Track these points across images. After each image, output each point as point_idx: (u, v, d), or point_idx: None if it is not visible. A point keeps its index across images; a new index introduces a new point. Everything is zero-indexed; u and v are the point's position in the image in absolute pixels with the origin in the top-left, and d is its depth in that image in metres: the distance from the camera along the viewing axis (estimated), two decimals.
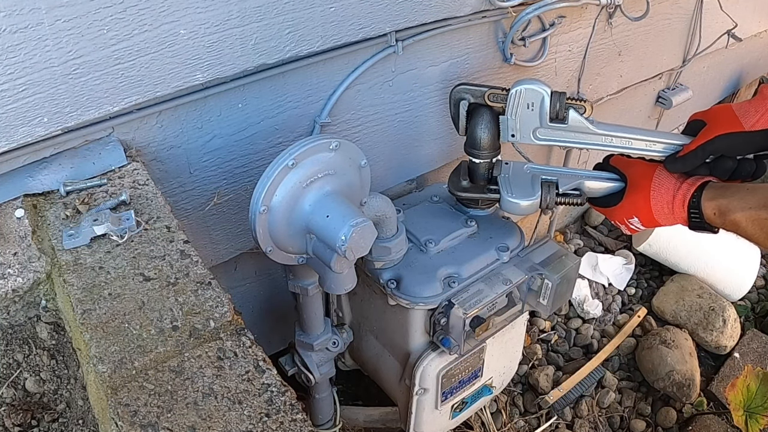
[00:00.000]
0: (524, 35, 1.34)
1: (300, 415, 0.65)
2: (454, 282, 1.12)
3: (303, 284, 1.09)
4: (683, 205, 1.00)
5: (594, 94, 1.69)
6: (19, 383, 0.80)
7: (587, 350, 1.97)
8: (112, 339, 0.69)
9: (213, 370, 0.68)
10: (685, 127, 1.08)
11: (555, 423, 1.77)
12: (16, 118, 0.79)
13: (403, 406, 1.29)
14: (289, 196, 0.89)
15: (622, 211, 1.09)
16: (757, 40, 2.22)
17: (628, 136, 1.06)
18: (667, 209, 1.02)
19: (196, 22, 0.88)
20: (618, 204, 1.09)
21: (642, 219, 1.07)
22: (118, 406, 0.63)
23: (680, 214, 1.01)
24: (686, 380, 1.81)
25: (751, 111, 0.98)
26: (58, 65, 0.79)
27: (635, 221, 1.08)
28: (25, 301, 0.79)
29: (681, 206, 1.01)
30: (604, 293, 2.11)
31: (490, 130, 1.10)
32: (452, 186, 1.19)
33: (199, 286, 0.76)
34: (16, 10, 0.72)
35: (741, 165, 1.00)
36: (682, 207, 1.01)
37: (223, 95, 0.99)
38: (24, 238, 0.81)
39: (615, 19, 1.53)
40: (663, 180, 1.03)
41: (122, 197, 0.85)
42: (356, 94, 1.16)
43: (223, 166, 1.06)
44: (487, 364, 1.30)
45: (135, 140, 0.94)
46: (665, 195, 1.03)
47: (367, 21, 1.06)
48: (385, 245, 1.09)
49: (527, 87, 1.04)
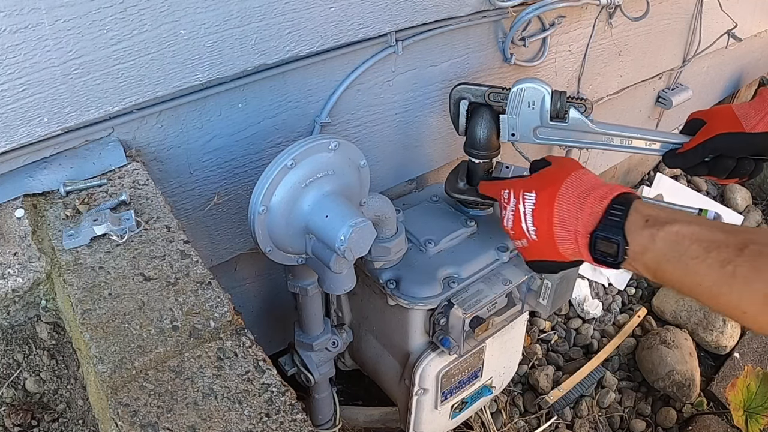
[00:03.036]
0: (524, 35, 1.34)
1: (300, 415, 0.65)
2: (453, 282, 1.12)
3: (302, 284, 1.09)
4: (600, 200, 0.81)
5: (594, 94, 1.69)
6: (19, 383, 0.80)
7: (587, 350, 1.97)
8: (112, 339, 0.69)
9: (213, 370, 0.68)
10: (684, 126, 1.08)
11: (555, 423, 1.77)
12: (16, 118, 0.79)
13: (403, 406, 1.29)
14: (288, 196, 0.89)
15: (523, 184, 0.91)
16: (757, 40, 2.21)
17: (628, 135, 1.06)
18: (576, 200, 0.83)
19: (196, 22, 0.88)
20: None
21: (537, 200, 0.87)
22: (118, 406, 0.63)
23: (593, 208, 0.81)
24: (686, 380, 1.81)
25: (751, 113, 0.98)
26: (58, 65, 0.79)
27: (530, 201, 0.88)
28: (25, 301, 0.79)
29: (595, 202, 0.81)
30: (604, 293, 2.11)
31: (490, 129, 1.10)
32: (449, 186, 1.19)
33: (199, 286, 0.76)
34: (16, 10, 0.72)
35: (740, 164, 1.00)
36: (597, 202, 0.81)
37: (223, 95, 0.99)
38: (24, 238, 0.81)
39: (615, 19, 1.53)
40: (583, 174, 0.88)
41: (122, 197, 0.85)
42: (356, 94, 1.16)
43: (223, 166, 1.06)
44: (486, 364, 1.30)
45: (135, 140, 0.94)
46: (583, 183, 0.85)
47: (367, 21, 1.06)
48: (384, 245, 1.09)
49: (528, 86, 1.04)
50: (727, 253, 0.69)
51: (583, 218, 0.82)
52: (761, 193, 2.49)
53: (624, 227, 0.78)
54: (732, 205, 2.41)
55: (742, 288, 0.67)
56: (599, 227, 0.80)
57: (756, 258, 0.67)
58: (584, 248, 0.82)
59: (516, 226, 0.90)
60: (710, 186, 2.48)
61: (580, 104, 1.05)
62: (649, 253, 0.76)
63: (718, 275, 0.69)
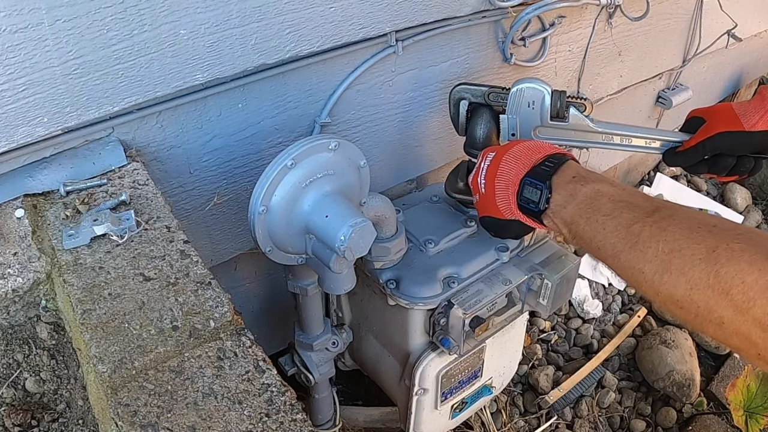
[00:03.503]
0: (524, 35, 1.35)
1: (300, 415, 0.65)
2: (453, 282, 1.12)
3: (302, 284, 1.08)
4: (536, 153, 0.85)
5: (594, 94, 1.69)
6: (19, 383, 0.80)
7: (587, 350, 1.97)
8: (112, 339, 0.69)
9: (213, 370, 0.68)
10: (684, 124, 1.08)
11: (555, 423, 1.77)
12: (16, 118, 0.79)
13: (403, 406, 1.29)
14: (288, 196, 0.89)
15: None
16: (757, 40, 2.22)
17: (628, 133, 1.06)
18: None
19: (196, 22, 0.88)
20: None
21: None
22: (118, 406, 0.63)
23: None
24: (686, 380, 1.81)
25: (751, 111, 0.99)
26: (58, 65, 0.79)
27: (489, 159, 0.92)
28: (25, 301, 0.79)
29: (532, 155, 0.85)
30: (604, 293, 2.11)
31: (490, 129, 1.10)
32: (448, 186, 1.19)
33: (199, 286, 0.76)
34: (16, 10, 0.72)
35: (740, 162, 1.01)
36: (533, 155, 0.85)
37: (223, 95, 0.99)
38: (24, 238, 0.81)
39: (615, 19, 1.53)
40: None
41: (122, 197, 0.85)
42: (356, 94, 1.16)
43: (223, 166, 1.06)
44: (486, 364, 1.30)
45: (135, 140, 0.94)
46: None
47: (367, 21, 1.06)
48: (384, 245, 1.09)
49: (528, 86, 1.04)
50: (638, 213, 0.70)
51: (518, 168, 0.85)
52: (761, 193, 2.49)
53: (552, 178, 0.81)
54: (732, 205, 2.41)
55: (644, 247, 0.68)
56: (528, 173, 0.84)
57: (663, 219, 0.68)
58: (513, 195, 0.85)
59: (474, 180, 0.95)
60: (710, 186, 2.48)
61: (580, 104, 1.05)
62: (569, 207, 0.78)
63: (624, 234, 0.70)
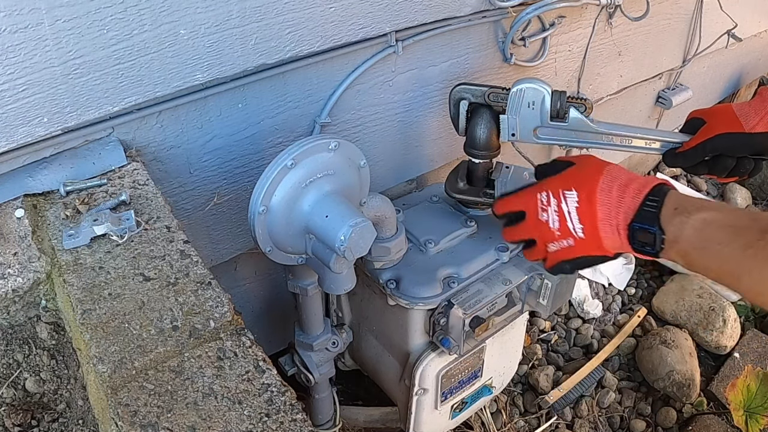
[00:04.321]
0: (524, 35, 1.34)
1: (300, 415, 0.65)
2: (453, 282, 1.12)
3: (302, 284, 1.09)
4: (637, 192, 0.83)
5: (594, 94, 1.69)
6: (19, 383, 0.80)
7: (587, 350, 1.97)
8: (112, 339, 0.69)
9: (213, 370, 0.68)
10: (684, 124, 1.08)
11: (555, 423, 1.77)
12: (16, 118, 0.79)
13: (403, 406, 1.29)
14: (288, 196, 0.89)
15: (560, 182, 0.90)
16: (757, 40, 2.21)
17: (628, 134, 1.06)
18: (617, 193, 0.84)
19: (196, 22, 0.88)
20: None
21: (581, 198, 0.86)
22: (118, 406, 0.63)
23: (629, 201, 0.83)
24: (686, 380, 1.81)
25: (751, 113, 0.99)
26: (58, 65, 0.79)
27: (572, 199, 0.88)
28: (25, 301, 0.79)
29: (633, 194, 0.83)
30: (604, 293, 2.11)
31: (490, 129, 1.10)
32: (449, 186, 1.19)
33: (199, 286, 0.76)
34: (16, 10, 0.72)
35: (740, 163, 1.01)
36: (635, 195, 0.83)
37: (223, 95, 0.99)
38: (24, 238, 0.81)
39: (615, 19, 1.53)
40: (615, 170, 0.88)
41: (122, 197, 0.85)
42: (356, 94, 1.16)
43: (223, 166, 1.06)
44: (486, 364, 1.30)
45: (135, 140, 0.94)
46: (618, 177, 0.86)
47: (367, 21, 1.06)
48: (384, 245, 1.09)
49: (528, 86, 1.04)
50: (750, 236, 0.71)
51: (623, 211, 0.83)
52: (761, 193, 2.49)
53: (659, 217, 0.79)
54: (732, 204, 2.42)
55: (762, 268, 0.69)
56: (636, 218, 0.82)
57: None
58: (625, 240, 0.84)
59: (562, 225, 0.89)
60: (710, 186, 2.48)
61: (580, 104, 1.05)
62: (680, 242, 0.78)
63: (741, 257, 0.71)
